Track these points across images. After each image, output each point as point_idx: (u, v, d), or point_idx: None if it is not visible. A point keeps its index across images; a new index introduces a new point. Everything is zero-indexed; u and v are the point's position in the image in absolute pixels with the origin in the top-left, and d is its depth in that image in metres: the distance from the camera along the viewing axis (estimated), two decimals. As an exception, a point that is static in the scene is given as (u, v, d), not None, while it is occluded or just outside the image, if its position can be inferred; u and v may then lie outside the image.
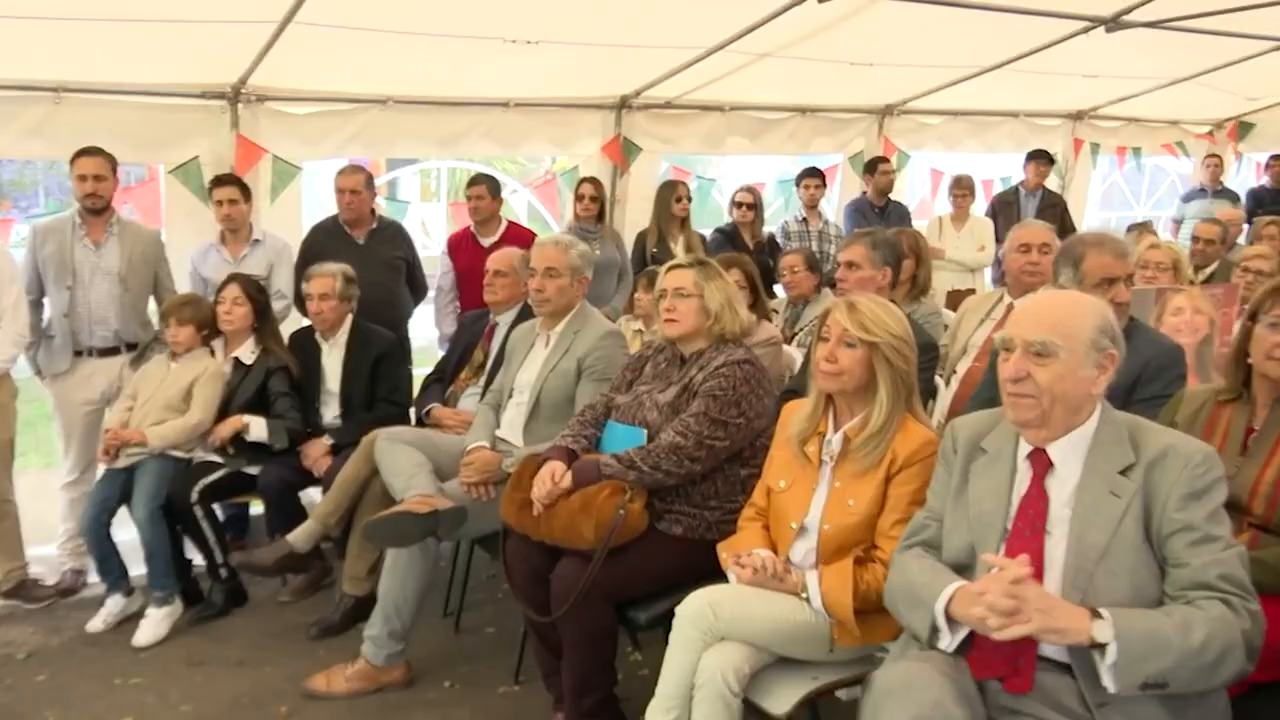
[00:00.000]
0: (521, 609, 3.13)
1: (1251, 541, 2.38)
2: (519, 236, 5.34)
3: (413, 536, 3.35)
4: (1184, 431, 2.52)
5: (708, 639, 2.47)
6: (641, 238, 6.12)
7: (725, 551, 2.70)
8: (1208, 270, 5.84)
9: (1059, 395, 1.99)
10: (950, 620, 2.02)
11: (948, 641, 2.04)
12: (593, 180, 5.97)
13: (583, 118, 6.39)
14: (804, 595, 2.49)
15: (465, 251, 5.46)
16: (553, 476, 2.94)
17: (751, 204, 6.28)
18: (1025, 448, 2.11)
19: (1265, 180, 9.08)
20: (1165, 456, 1.95)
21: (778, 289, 5.50)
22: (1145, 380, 2.83)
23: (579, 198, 5.86)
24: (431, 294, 5.63)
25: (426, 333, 6.15)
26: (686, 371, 3.06)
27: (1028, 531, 2.04)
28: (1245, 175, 9.95)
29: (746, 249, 6.00)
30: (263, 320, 4.36)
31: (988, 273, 7.13)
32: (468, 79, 5.59)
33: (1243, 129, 9.41)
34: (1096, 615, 1.84)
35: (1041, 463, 2.07)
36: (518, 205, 8.65)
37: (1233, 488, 2.39)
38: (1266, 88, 8.37)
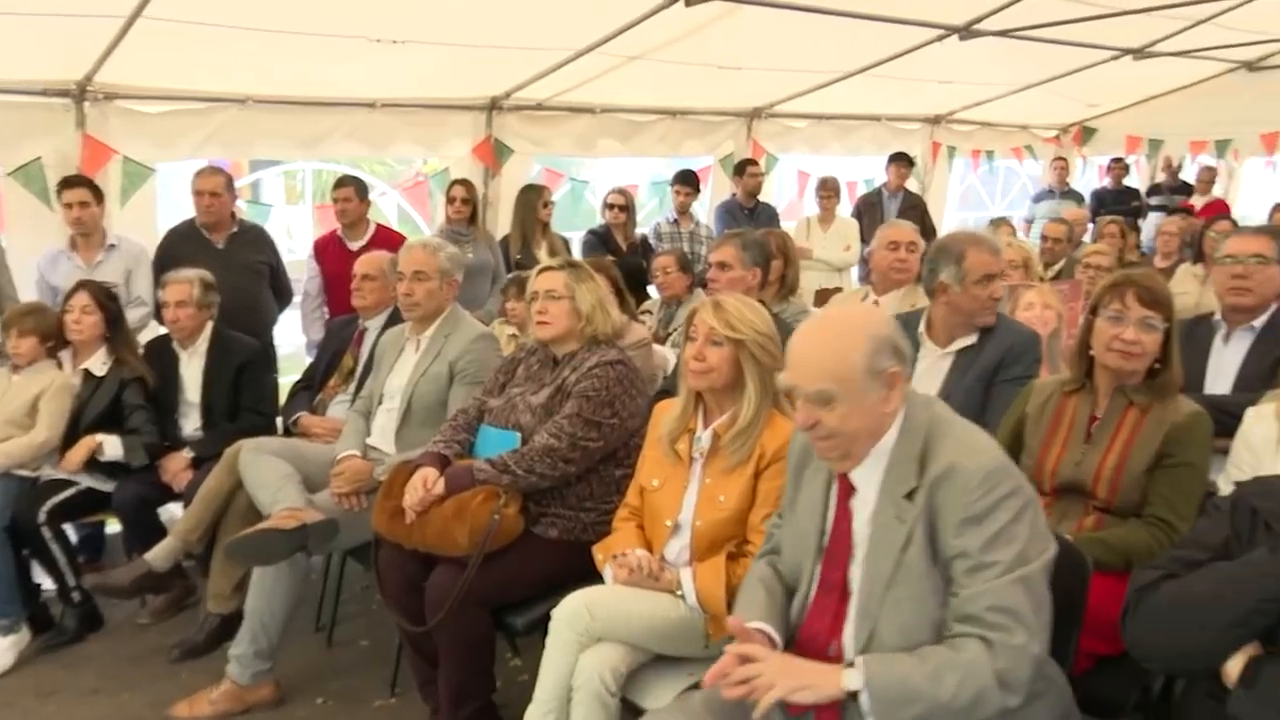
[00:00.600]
0: (395, 619, 3.07)
1: (1096, 524, 2.53)
2: (388, 240, 5.23)
3: (280, 554, 3.24)
4: (1033, 421, 2.67)
5: (584, 640, 2.47)
6: (504, 243, 6.06)
7: (601, 553, 2.71)
8: (1056, 267, 6.15)
9: (853, 432, 1.92)
10: None
11: None
12: (464, 182, 5.89)
13: (452, 119, 6.32)
14: (679, 592, 2.51)
15: (332, 255, 5.33)
16: (425, 483, 2.90)
17: (624, 206, 6.32)
18: None
19: (1107, 181, 9.68)
20: (949, 476, 1.86)
21: (651, 289, 5.55)
22: (1008, 364, 3.04)
23: (450, 200, 5.77)
24: (297, 299, 5.47)
25: (293, 339, 5.97)
26: (559, 373, 3.05)
27: (836, 552, 2.02)
28: (1089, 177, 10.58)
29: (619, 250, 6.04)
30: (115, 329, 4.14)
31: (854, 271, 7.35)
32: (331, 78, 5.45)
33: (1086, 133, 10.00)
34: (850, 664, 1.83)
35: (845, 485, 2.02)
36: (387, 208, 8.50)
37: (1078, 474, 2.55)
38: (1107, 94, 8.93)
